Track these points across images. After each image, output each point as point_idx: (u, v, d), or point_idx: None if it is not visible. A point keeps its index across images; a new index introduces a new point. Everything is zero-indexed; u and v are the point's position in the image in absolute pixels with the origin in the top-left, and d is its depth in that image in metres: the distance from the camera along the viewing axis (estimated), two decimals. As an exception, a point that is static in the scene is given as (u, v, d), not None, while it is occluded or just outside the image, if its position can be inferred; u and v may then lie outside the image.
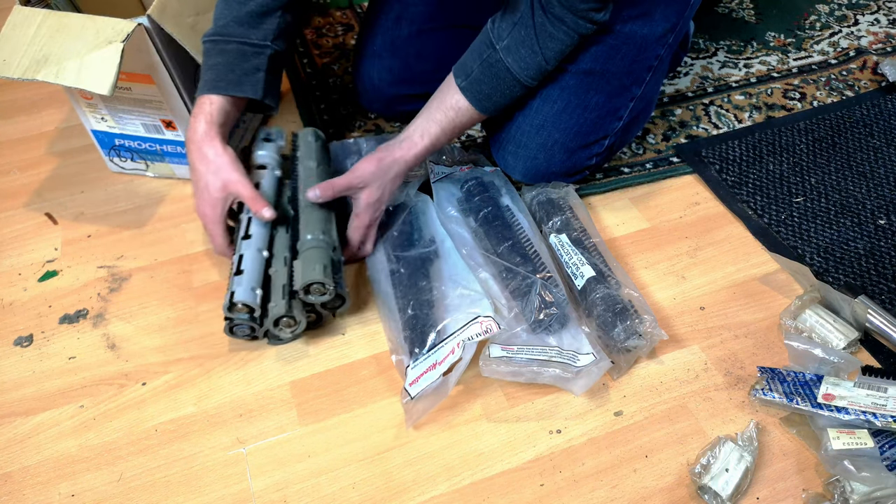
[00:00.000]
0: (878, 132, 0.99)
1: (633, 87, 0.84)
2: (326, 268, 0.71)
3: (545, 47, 0.74)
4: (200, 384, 0.73)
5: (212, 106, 0.74)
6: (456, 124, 0.79)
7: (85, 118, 0.90)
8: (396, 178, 0.79)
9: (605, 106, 0.84)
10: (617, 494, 0.63)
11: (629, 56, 0.81)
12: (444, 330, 0.71)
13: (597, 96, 0.83)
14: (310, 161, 0.83)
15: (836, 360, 0.69)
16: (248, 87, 0.76)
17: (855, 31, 1.19)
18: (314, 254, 0.72)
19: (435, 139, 0.79)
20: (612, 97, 0.83)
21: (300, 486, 0.64)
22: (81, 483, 0.65)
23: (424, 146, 0.78)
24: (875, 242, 0.84)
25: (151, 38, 0.76)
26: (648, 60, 0.83)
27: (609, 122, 0.86)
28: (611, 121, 0.86)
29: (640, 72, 0.83)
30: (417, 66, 0.94)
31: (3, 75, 0.73)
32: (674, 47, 0.86)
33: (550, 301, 0.72)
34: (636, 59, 0.82)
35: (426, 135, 0.78)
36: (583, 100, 0.83)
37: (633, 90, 0.84)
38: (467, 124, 0.80)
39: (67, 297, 0.82)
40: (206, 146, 0.74)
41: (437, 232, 0.83)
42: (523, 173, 0.87)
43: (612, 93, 0.83)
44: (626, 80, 0.83)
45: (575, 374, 0.67)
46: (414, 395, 0.67)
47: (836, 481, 0.61)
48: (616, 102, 0.84)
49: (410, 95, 0.96)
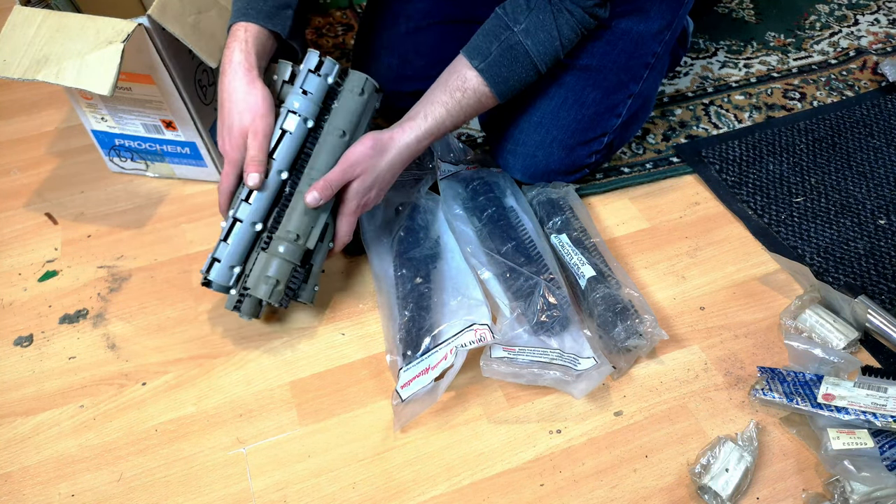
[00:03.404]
0: (878, 132, 0.99)
1: (630, 84, 0.84)
2: (277, 284, 0.69)
3: (562, 34, 0.73)
4: (200, 384, 0.73)
5: (247, 33, 0.70)
6: (463, 106, 0.75)
7: (85, 118, 0.90)
8: (394, 164, 0.73)
9: (602, 102, 0.84)
10: (617, 494, 0.63)
11: (625, 52, 0.81)
12: (439, 335, 0.71)
13: (594, 93, 0.83)
14: (341, 124, 0.73)
15: (836, 360, 0.69)
16: (278, 22, 0.71)
17: (855, 31, 1.19)
18: (273, 264, 0.70)
19: (439, 121, 0.74)
20: (608, 94, 0.84)
21: (300, 486, 0.64)
22: (81, 483, 0.65)
23: (427, 128, 0.74)
24: (875, 242, 0.84)
25: (151, 38, 0.76)
26: (645, 57, 0.83)
27: (607, 119, 0.86)
28: (609, 118, 0.86)
29: (636, 68, 0.83)
30: (415, 62, 0.94)
31: (4, 75, 0.73)
32: (671, 45, 0.86)
33: (553, 303, 0.72)
34: (632, 55, 0.82)
35: (429, 116, 0.74)
36: (580, 96, 0.83)
37: (630, 87, 0.85)
38: (474, 108, 0.76)
39: (67, 297, 0.82)
40: (238, 79, 0.69)
41: (443, 233, 0.83)
42: (523, 172, 0.87)
43: (609, 89, 0.83)
44: (623, 76, 0.83)
45: (575, 378, 0.67)
46: (405, 397, 0.66)
47: (836, 481, 0.61)
48: (613, 99, 0.85)
49: (409, 93, 0.96)
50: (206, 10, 0.80)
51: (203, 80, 0.87)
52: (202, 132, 0.88)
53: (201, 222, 0.90)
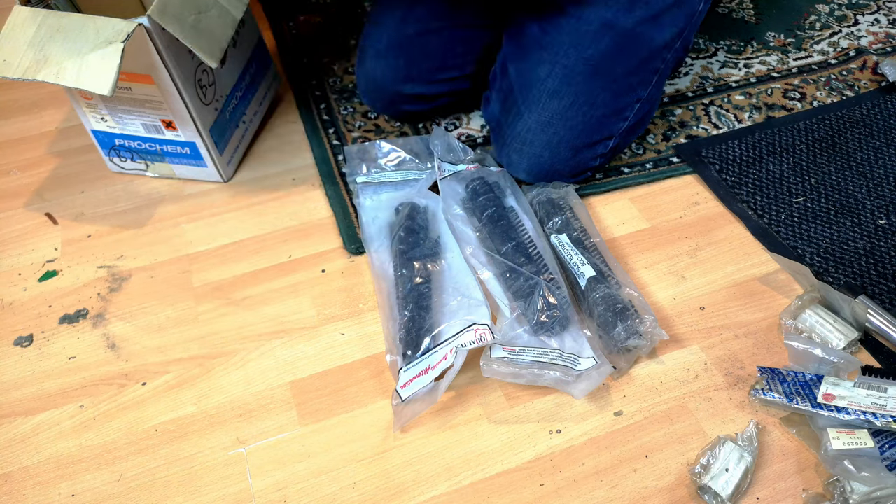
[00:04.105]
0: (878, 132, 0.99)
1: (639, 88, 0.85)
2: None
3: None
4: (200, 384, 0.73)
5: None
6: None
7: (85, 118, 0.90)
8: None
9: (610, 105, 0.84)
10: (617, 494, 0.63)
11: (637, 56, 0.82)
12: (439, 335, 0.71)
13: (603, 94, 0.83)
14: None
15: (836, 360, 0.69)
16: None
17: (855, 31, 1.19)
18: None
19: None
20: (618, 96, 0.84)
21: (300, 486, 0.64)
22: (81, 483, 0.65)
23: None
24: (875, 242, 0.84)
25: (151, 38, 0.76)
26: (655, 63, 0.83)
27: (614, 123, 0.86)
28: (616, 121, 0.86)
29: (646, 73, 0.84)
30: (422, 64, 0.94)
31: (3, 75, 0.73)
32: (679, 53, 0.87)
33: (553, 303, 0.72)
34: (644, 60, 0.82)
35: None
36: (590, 97, 0.83)
37: (638, 91, 0.85)
38: None
39: (67, 297, 0.82)
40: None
41: (442, 233, 0.83)
42: (527, 171, 0.87)
43: (619, 92, 0.84)
44: (633, 80, 0.84)
45: (575, 378, 0.67)
46: (405, 398, 0.66)
47: (836, 481, 0.61)
48: (622, 102, 0.85)
49: (414, 95, 0.96)
50: (206, 10, 0.80)
51: (203, 80, 0.87)
52: (202, 132, 0.88)
53: (201, 222, 0.90)
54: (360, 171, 0.92)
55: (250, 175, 0.96)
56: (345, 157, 0.95)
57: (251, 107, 1.00)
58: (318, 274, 0.83)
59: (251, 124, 1.00)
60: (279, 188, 0.94)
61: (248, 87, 0.98)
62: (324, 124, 1.03)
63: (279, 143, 1.01)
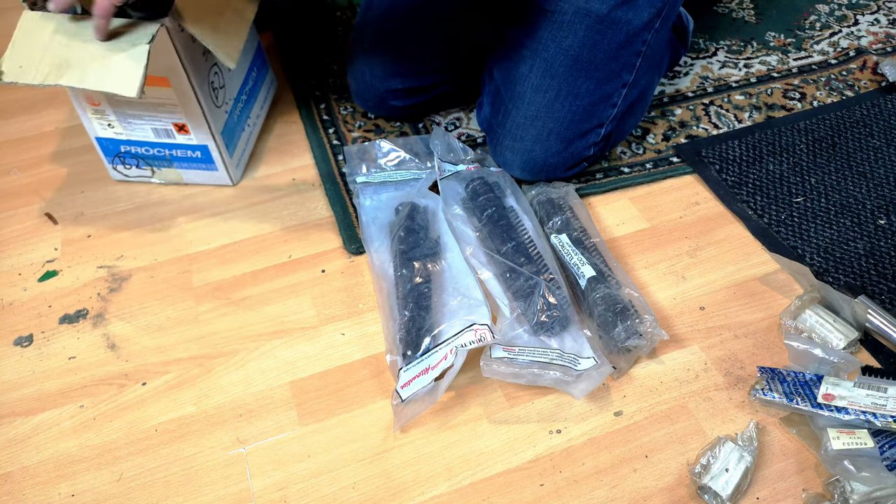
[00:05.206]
0: (878, 132, 0.99)
1: (623, 73, 0.86)
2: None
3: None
4: (200, 384, 0.73)
5: None
6: None
7: (90, 126, 0.88)
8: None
9: (595, 92, 0.85)
10: (617, 494, 0.63)
11: (615, 41, 0.83)
12: (439, 335, 0.71)
13: (586, 83, 0.84)
14: None
15: (836, 360, 0.69)
16: None
17: (855, 31, 1.19)
18: None
19: None
20: (602, 83, 0.85)
21: (300, 486, 0.64)
22: (81, 483, 0.65)
23: None
24: (875, 242, 0.84)
25: (172, 40, 0.76)
26: (636, 45, 0.84)
27: (603, 110, 0.87)
28: (604, 108, 0.87)
29: (628, 57, 0.85)
30: (407, 59, 0.96)
31: (23, 82, 0.71)
32: (663, 33, 0.87)
33: (553, 303, 0.72)
34: (622, 43, 0.83)
35: None
36: (573, 87, 0.84)
37: (623, 76, 0.86)
38: None
39: (67, 297, 0.82)
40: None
41: (442, 233, 0.83)
42: (522, 168, 0.88)
43: (603, 79, 0.85)
44: (615, 65, 0.84)
45: (575, 378, 0.67)
46: (405, 398, 0.66)
47: (836, 481, 0.61)
48: (607, 88, 0.86)
49: (401, 90, 0.97)
50: (222, 12, 0.79)
51: (215, 83, 0.86)
52: (215, 135, 0.87)
53: (201, 222, 0.90)
54: (360, 171, 0.92)
55: (250, 175, 0.96)
56: (345, 157, 0.95)
57: (254, 109, 1.00)
58: (318, 274, 0.83)
59: (255, 127, 1.00)
60: (279, 188, 0.94)
61: (252, 89, 0.98)
62: (324, 124, 1.04)
63: (279, 143, 1.01)
